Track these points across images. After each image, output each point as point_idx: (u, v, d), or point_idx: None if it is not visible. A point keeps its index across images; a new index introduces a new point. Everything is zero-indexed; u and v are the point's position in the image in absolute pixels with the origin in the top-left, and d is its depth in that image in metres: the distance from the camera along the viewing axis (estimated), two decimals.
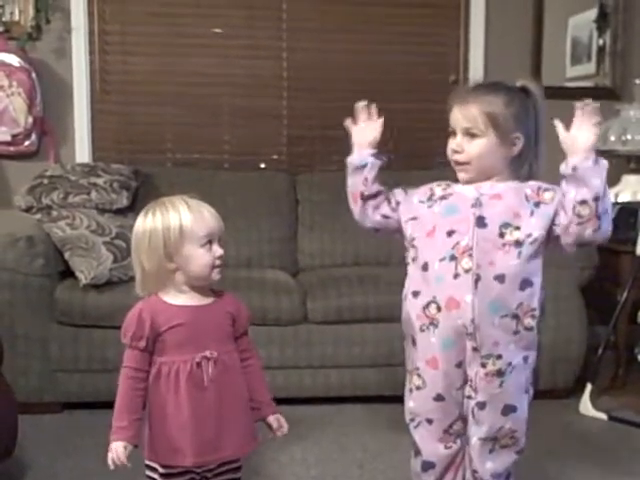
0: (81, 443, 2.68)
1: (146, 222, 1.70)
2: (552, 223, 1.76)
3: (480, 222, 1.76)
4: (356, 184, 1.93)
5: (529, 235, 1.75)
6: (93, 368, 2.93)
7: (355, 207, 1.96)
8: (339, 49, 3.89)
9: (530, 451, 1.98)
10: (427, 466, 1.89)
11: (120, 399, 1.69)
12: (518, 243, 1.74)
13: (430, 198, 1.86)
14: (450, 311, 1.75)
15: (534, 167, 1.84)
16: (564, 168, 1.72)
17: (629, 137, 3.63)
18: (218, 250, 1.71)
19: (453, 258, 1.75)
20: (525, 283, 1.76)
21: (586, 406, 2.99)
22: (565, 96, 3.93)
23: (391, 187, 1.97)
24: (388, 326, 2.99)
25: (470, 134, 1.78)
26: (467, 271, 1.73)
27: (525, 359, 1.81)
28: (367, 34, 3.87)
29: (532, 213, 1.76)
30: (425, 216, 1.85)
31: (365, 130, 1.93)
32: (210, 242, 1.70)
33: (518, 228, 1.75)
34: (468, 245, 1.74)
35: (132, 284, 3.07)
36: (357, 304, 3.01)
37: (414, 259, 1.85)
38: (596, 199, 1.68)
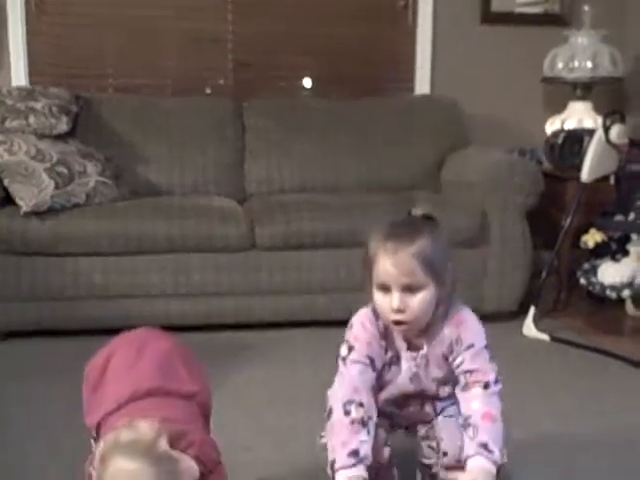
0: (25, 370, 2.65)
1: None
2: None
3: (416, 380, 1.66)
4: None
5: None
6: (36, 296, 2.88)
7: None
8: None
9: None
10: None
11: None
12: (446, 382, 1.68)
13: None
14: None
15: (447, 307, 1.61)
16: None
17: (576, 64, 3.63)
18: None
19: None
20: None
21: (529, 328, 3.06)
22: (515, 22, 3.94)
23: None
24: (336, 252, 3.00)
25: (410, 289, 1.53)
26: None
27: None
28: None
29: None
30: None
31: None
32: None
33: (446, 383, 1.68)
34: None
35: (75, 211, 3.01)
36: (305, 230, 3.00)
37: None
38: None
